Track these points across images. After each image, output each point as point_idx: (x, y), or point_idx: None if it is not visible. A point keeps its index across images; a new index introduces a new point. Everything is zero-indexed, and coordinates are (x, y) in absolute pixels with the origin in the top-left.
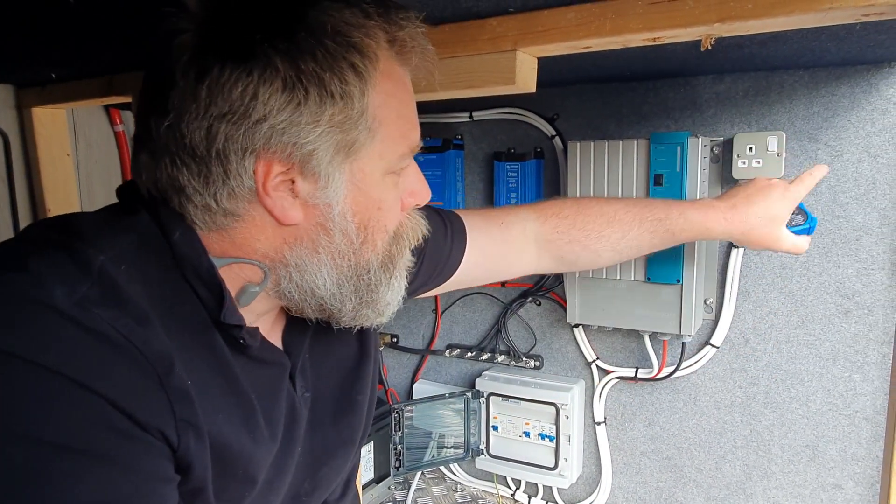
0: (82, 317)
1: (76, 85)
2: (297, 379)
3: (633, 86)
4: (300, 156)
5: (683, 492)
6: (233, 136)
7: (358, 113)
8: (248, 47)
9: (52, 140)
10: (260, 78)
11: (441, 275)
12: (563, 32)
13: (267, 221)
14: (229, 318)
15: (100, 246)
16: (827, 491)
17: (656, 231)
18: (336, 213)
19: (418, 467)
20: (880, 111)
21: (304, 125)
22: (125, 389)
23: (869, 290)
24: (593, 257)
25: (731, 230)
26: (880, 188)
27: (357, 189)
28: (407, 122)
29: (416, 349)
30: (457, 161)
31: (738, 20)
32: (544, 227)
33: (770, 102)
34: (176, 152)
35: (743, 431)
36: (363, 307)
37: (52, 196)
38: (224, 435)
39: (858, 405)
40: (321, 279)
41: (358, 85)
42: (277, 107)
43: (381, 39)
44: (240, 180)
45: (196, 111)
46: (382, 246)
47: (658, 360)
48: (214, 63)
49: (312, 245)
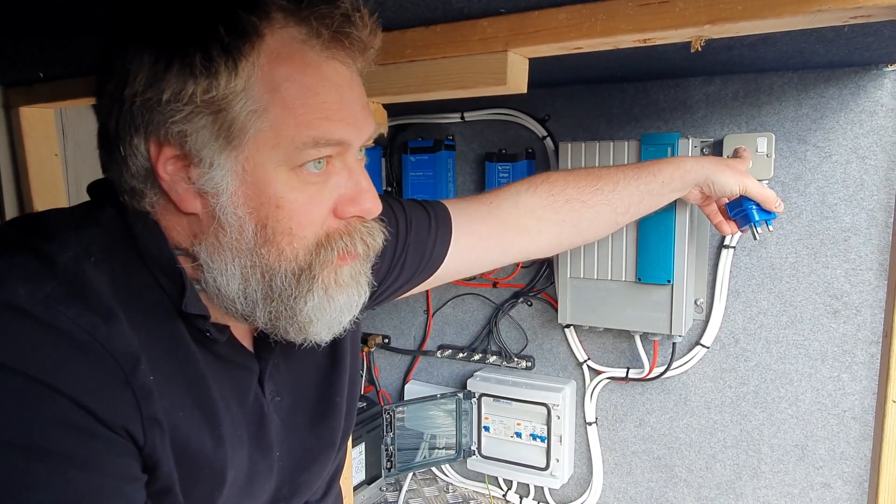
0: (45, 315)
1: (64, 84)
2: (267, 384)
3: (624, 87)
4: (177, 136)
5: (674, 491)
6: (120, 114)
7: (231, 93)
8: (127, 27)
9: (40, 140)
10: (132, 53)
11: (427, 268)
12: (554, 33)
13: (170, 207)
14: (191, 307)
15: (65, 242)
16: (816, 490)
17: (640, 176)
18: (224, 201)
19: (410, 468)
20: (868, 113)
21: (170, 102)
22: (88, 387)
23: (857, 291)
24: (592, 214)
25: (703, 163)
26: (868, 189)
27: (245, 180)
28: (313, 111)
29: (407, 350)
30: (448, 162)
31: (728, 22)
32: (537, 194)
33: (759, 104)
34: (104, 137)
35: (733, 431)
36: (278, 319)
37: (39, 197)
38: (183, 431)
39: (847, 404)
40: (224, 278)
41: (225, 62)
42: (147, 81)
43: (278, 19)
44: (135, 159)
45: (101, 96)
46: (293, 253)
47: (649, 360)
48: (110, 46)
49: (216, 239)
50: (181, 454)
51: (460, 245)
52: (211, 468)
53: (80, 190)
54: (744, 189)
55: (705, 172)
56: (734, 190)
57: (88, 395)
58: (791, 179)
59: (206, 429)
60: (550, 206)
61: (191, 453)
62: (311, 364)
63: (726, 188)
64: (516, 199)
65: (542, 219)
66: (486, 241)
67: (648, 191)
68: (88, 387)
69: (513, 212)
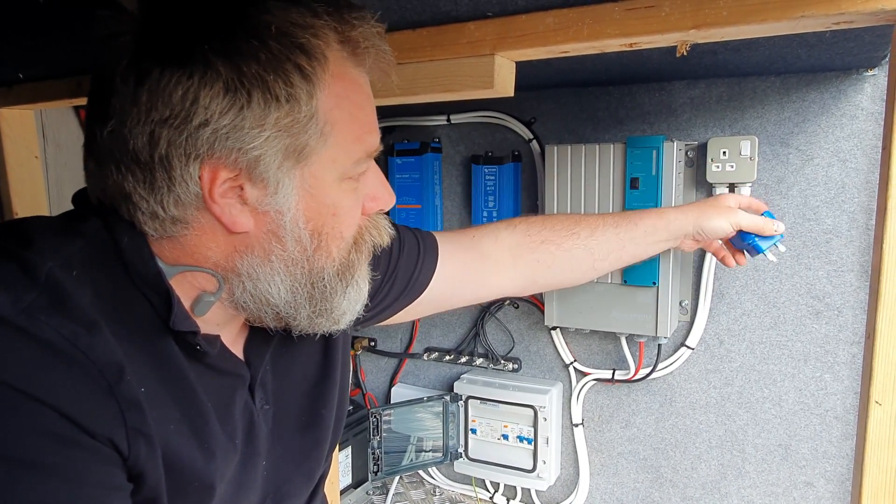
0: (27, 324)
1: (45, 85)
2: (257, 391)
3: (610, 90)
4: (246, 161)
5: (660, 492)
6: (175, 141)
7: (306, 116)
8: (187, 50)
9: (20, 142)
10: (200, 81)
11: (413, 291)
12: (541, 37)
13: (217, 229)
14: (179, 324)
15: (47, 252)
16: (799, 489)
17: (619, 224)
18: (287, 219)
19: (396, 471)
20: (849, 116)
21: (248, 129)
22: (70, 397)
23: (839, 292)
24: (567, 257)
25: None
26: (849, 192)
27: (309, 195)
28: (362, 126)
29: (394, 353)
30: (434, 164)
31: (714, 27)
32: (515, 233)
33: (743, 108)
34: (120, 158)
35: (718, 431)
36: (318, 316)
37: (19, 199)
38: (173, 444)
39: (829, 404)
40: (275, 288)
41: (305, 87)
42: (219, 111)
43: (330, 40)
44: (185, 187)
45: (137, 116)
46: (339, 253)
47: (635, 361)
48: (153, 67)
49: (264, 253)
50: (171, 468)
51: (444, 272)
52: (200, 482)
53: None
54: (736, 226)
55: (691, 222)
56: (726, 230)
57: (71, 405)
58: (774, 182)
59: (195, 443)
60: (527, 246)
61: (181, 468)
62: (300, 374)
63: (718, 231)
64: (496, 235)
65: (517, 256)
66: (466, 271)
67: (630, 238)
68: (71, 396)
69: (492, 246)
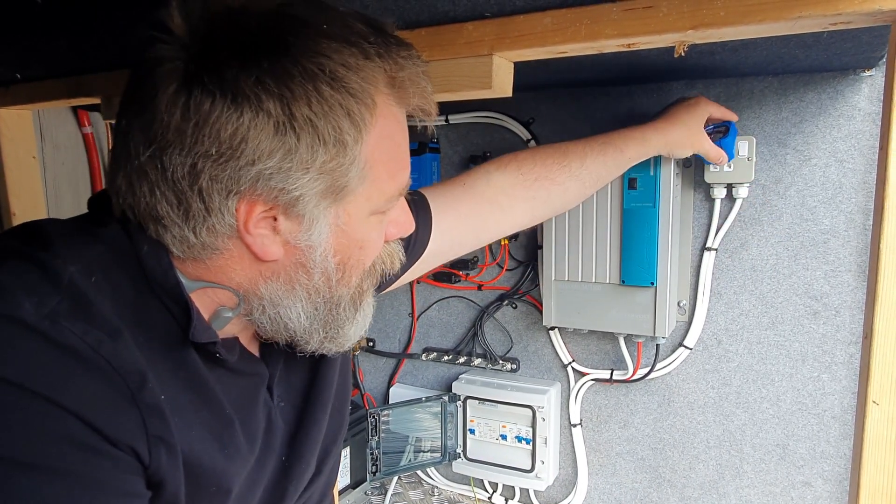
0: (51, 330)
1: (42, 85)
2: (276, 389)
3: (608, 91)
4: (287, 199)
5: (658, 492)
6: (218, 176)
7: (350, 160)
8: (239, 86)
9: (18, 142)
10: (251, 121)
11: (413, 252)
12: (539, 37)
13: (245, 255)
14: (198, 336)
15: (69, 256)
16: (797, 489)
17: (605, 151)
18: (318, 254)
19: (395, 472)
20: (846, 117)
21: (293, 171)
22: (93, 404)
23: (836, 292)
24: (561, 191)
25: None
26: (847, 192)
27: (341, 231)
28: (398, 164)
29: (392, 353)
30: (432, 164)
31: (711, 27)
32: (507, 172)
33: (740, 108)
34: (156, 182)
35: (716, 431)
36: (328, 340)
37: (17, 200)
38: (196, 451)
39: (827, 404)
40: (294, 314)
41: (352, 133)
42: (268, 151)
43: (379, 83)
44: (221, 218)
45: (181, 146)
46: (357, 281)
47: (633, 361)
48: (203, 99)
49: (289, 281)
50: (191, 474)
51: (442, 227)
52: (219, 486)
53: (58, 192)
54: (699, 150)
55: (667, 149)
56: (688, 154)
57: (93, 413)
58: (771, 182)
59: (217, 448)
60: (521, 185)
61: (201, 473)
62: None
63: (683, 156)
64: (488, 178)
65: (513, 196)
66: (464, 220)
67: (616, 164)
68: (94, 404)
69: (486, 190)
